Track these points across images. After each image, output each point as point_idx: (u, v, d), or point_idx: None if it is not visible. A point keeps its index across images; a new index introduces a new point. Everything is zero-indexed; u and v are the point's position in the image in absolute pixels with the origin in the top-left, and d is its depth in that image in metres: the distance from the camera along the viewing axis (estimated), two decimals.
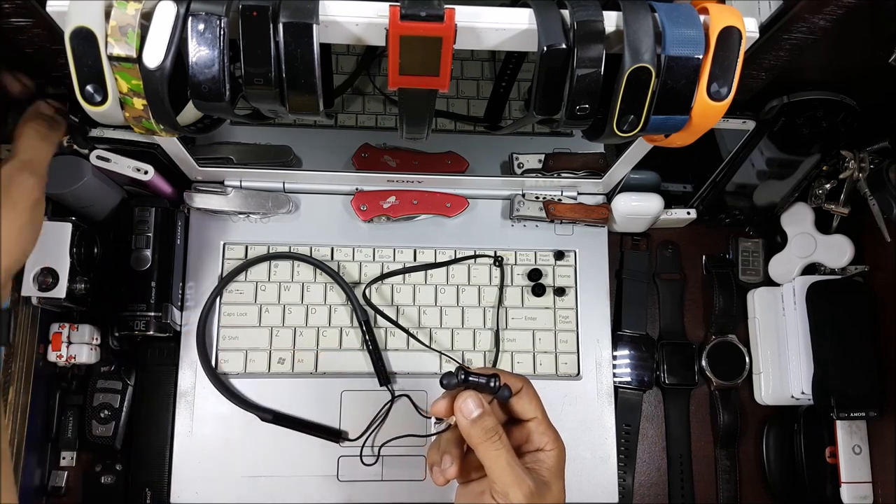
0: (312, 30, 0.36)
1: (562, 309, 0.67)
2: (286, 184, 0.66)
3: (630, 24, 0.38)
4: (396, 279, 0.66)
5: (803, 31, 0.47)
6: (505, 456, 0.40)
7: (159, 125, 0.40)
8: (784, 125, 0.61)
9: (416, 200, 0.66)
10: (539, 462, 0.43)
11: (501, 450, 0.41)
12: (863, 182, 0.66)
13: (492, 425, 0.41)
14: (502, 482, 0.40)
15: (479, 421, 0.41)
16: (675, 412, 0.70)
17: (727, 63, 0.39)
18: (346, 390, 0.63)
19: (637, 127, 0.42)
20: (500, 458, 0.40)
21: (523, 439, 0.44)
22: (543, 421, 0.44)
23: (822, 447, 0.67)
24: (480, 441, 0.41)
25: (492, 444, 0.40)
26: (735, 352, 0.70)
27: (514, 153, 0.68)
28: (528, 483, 0.40)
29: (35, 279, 0.57)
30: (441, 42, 0.37)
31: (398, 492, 0.62)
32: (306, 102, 0.39)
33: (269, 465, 0.61)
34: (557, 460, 0.43)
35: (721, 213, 0.71)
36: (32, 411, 0.60)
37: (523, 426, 0.44)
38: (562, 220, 0.67)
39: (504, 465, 0.40)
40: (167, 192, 0.64)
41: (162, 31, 0.36)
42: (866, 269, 0.69)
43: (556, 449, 0.44)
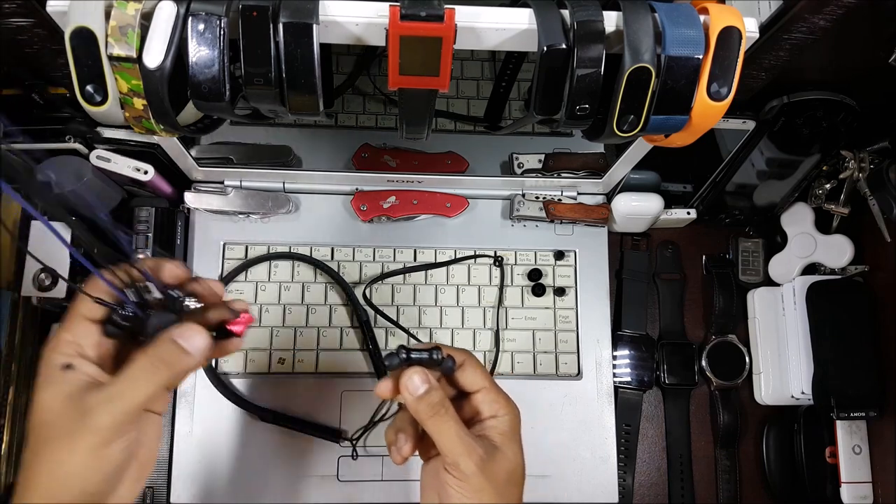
0: (312, 30, 0.36)
1: (562, 309, 0.67)
2: (286, 184, 0.66)
3: (630, 24, 0.38)
4: (396, 279, 0.66)
5: (803, 31, 0.48)
6: (453, 427, 0.40)
7: (159, 125, 0.40)
8: (784, 125, 0.61)
9: (416, 200, 0.66)
10: (491, 428, 0.42)
11: (449, 422, 0.40)
12: (863, 182, 0.66)
13: (438, 399, 0.40)
14: (452, 453, 0.40)
15: (425, 397, 0.40)
16: (675, 412, 0.70)
17: (727, 63, 0.39)
18: (346, 390, 0.63)
19: (637, 127, 0.42)
20: (448, 430, 0.40)
21: (474, 411, 0.44)
22: (492, 389, 0.43)
23: (822, 447, 0.67)
24: (428, 416, 0.40)
25: (439, 417, 0.40)
26: (735, 352, 0.70)
27: (514, 153, 0.68)
28: (478, 450, 0.40)
29: (35, 279, 0.57)
30: (441, 42, 0.37)
31: (398, 492, 0.62)
32: (306, 102, 0.39)
33: (269, 465, 0.61)
34: (510, 424, 0.43)
35: (721, 213, 0.71)
36: None
37: (473, 398, 0.44)
38: (562, 220, 0.67)
39: (452, 436, 0.40)
40: (167, 192, 0.64)
41: (162, 31, 0.36)
42: (866, 269, 0.69)
43: (508, 414, 0.43)
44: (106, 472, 0.35)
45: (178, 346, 0.36)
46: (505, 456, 0.41)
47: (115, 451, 0.35)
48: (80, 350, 0.37)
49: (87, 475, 0.35)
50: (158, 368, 0.36)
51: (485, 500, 0.40)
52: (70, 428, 0.34)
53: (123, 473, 0.37)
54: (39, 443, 0.35)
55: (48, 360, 0.36)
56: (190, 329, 0.37)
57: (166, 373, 0.36)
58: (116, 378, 0.36)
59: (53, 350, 0.36)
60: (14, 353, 0.58)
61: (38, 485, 0.35)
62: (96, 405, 0.35)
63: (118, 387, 0.35)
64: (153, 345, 0.36)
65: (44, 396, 0.35)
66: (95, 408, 0.35)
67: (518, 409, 0.44)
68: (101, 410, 0.34)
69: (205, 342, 0.37)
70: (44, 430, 0.35)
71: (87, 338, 0.37)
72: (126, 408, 0.35)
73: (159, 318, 0.37)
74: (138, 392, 0.35)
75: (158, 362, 0.36)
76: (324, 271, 0.65)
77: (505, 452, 0.41)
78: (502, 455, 0.41)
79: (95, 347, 0.37)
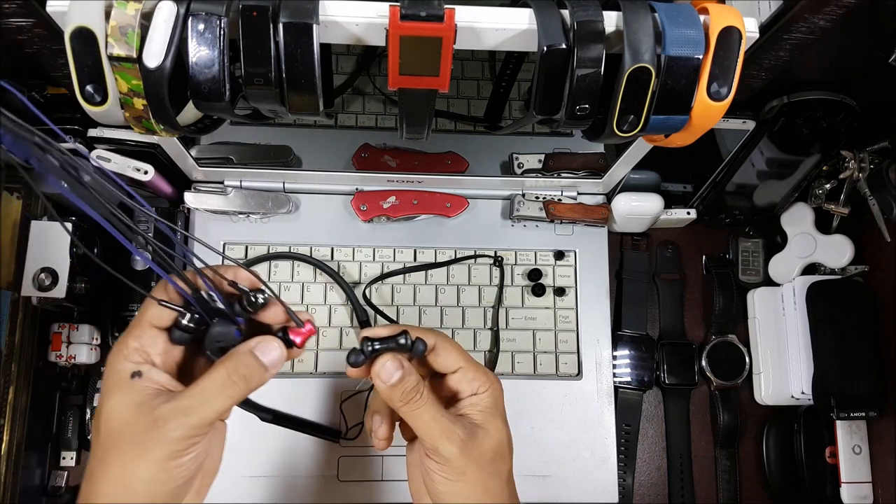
0: (312, 30, 0.36)
1: (562, 309, 0.67)
2: (286, 184, 0.66)
3: (630, 24, 0.38)
4: (396, 279, 0.66)
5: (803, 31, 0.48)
6: (428, 412, 0.39)
7: (159, 125, 0.40)
8: (784, 125, 0.61)
9: (416, 200, 0.66)
10: (471, 406, 0.41)
11: (424, 406, 0.39)
12: (863, 182, 0.66)
13: (412, 385, 0.39)
14: (430, 438, 0.38)
15: (398, 384, 0.38)
16: (675, 412, 0.70)
17: (727, 63, 0.39)
18: (346, 390, 0.63)
19: (637, 127, 0.42)
20: (424, 415, 0.39)
21: (453, 390, 0.42)
22: (469, 367, 0.42)
23: (822, 447, 0.67)
24: (403, 403, 0.39)
25: (413, 403, 0.39)
26: (735, 352, 0.70)
27: (514, 153, 0.68)
28: (457, 433, 0.39)
29: (35, 279, 0.57)
30: (441, 42, 0.37)
31: (398, 492, 0.62)
32: (306, 102, 0.39)
33: (269, 465, 0.61)
34: (492, 400, 0.41)
35: (721, 213, 0.71)
36: (32, 411, 0.60)
37: (451, 378, 0.42)
38: (562, 220, 0.67)
39: (429, 421, 0.38)
40: (167, 192, 0.64)
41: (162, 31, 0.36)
42: (866, 269, 0.69)
43: (488, 389, 0.41)
44: (175, 484, 0.35)
45: (258, 360, 0.35)
46: (487, 433, 0.40)
47: (184, 464, 0.34)
48: (147, 357, 0.36)
49: (155, 486, 0.34)
50: (235, 382, 0.35)
51: (468, 480, 0.39)
52: (140, 438, 0.34)
53: (191, 485, 0.36)
54: (108, 451, 0.34)
55: (115, 367, 0.35)
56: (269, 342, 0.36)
57: (243, 387, 0.35)
58: (191, 390, 0.35)
59: (121, 357, 0.36)
60: (14, 353, 0.58)
61: (104, 493, 0.34)
62: (169, 416, 0.34)
63: (193, 400, 0.34)
64: (231, 357, 0.35)
65: (112, 404, 0.35)
66: (168, 419, 0.34)
67: (499, 383, 0.42)
68: (175, 423, 0.34)
69: (281, 355, 0.36)
70: (112, 437, 0.34)
71: (155, 345, 0.36)
72: (200, 422, 0.34)
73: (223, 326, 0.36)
74: (214, 406, 0.35)
75: (236, 376, 0.35)
76: (324, 271, 0.65)
77: (487, 430, 0.40)
78: (484, 433, 0.40)
79: (163, 355, 0.36)
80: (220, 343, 0.36)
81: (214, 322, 0.36)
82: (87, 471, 0.35)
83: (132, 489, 0.34)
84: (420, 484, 0.42)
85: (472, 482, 0.39)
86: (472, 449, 0.39)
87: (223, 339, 0.36)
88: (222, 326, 0.36)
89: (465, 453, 0.38)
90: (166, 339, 0.37)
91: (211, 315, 0.36)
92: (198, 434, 0.34)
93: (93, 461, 0.35)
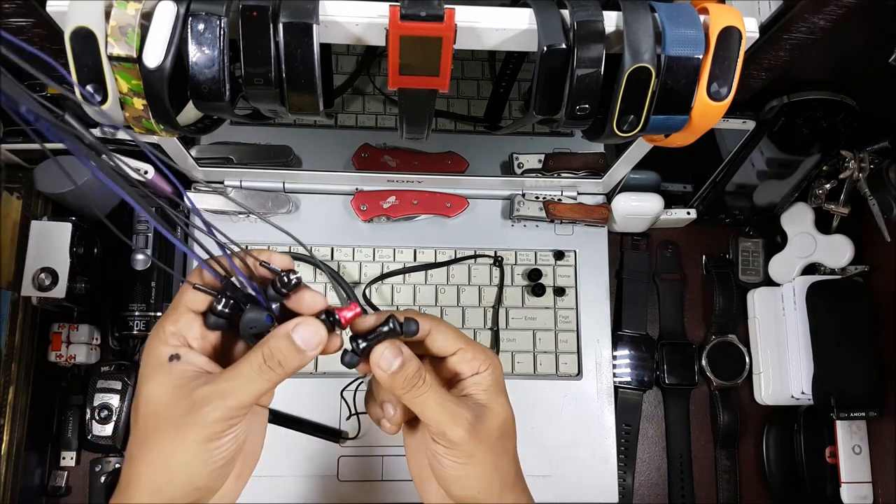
0: (312, 30, 0.36)
1: (562, 309, 0.67)
2: (286, 184, 0.66)
3: (630, 24, 0.38)
4: (396, 279, 0.66)
5: (803, 31, 0.48)
6: (433, 397, 0.38)
7: (159, 125, 0.40)
8: (784, 125, 0.61)
9: (416, 200, 0.66)
10: (474, 385, 0.40)
11: (428, 392, 0.38)
12: (863, 182, 0.66)
13: (413, 371, 0.37)
14: (437, 423, 0.38)
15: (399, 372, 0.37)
16: (675, 412, 0.70)
17: (727, 63, 0.39)
18: (346, 390, 0.63)
19: (637, 127, 0.42)
20: (427, 399, 0.38)
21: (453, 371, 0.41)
22: (469, 348, 0.40)
23: (822, 447, 0.67)
24: (406, 390, 0.38)
25: (417, 390, 0.38)
26: (735, 352, 0.70)
27: (514, 153, 0.68)
28: (465, 415, 0.38)
29: (35, 279, 0.57)
30: (441, 42, 0.37)
31: (398, 492, 0.62)
32: (306, 102, 0.39)
33: (269, 465, 0.61)
34: (493, 378, 0.41)
35: (721, 213, 0.71)
36: (32, 411, 0.60)
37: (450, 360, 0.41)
38: (562, 220, 0.67)
39: (434, 406, 0.38)
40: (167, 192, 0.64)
41: (162, 31, 0.36)
42: (866, 269, 0.69)
43: (489, 367, 0.41)
44: (214, 466, 0.35)
45: (293, 343, 0.35)
46: (493, 412, 0.39)
47: (223, 446, 0.35)
48: (184, 341, 0.36)
49: (194, 469, 0.34)
50: (271, 367, 0.35)
51: (478, 462, 0.38)
52: (179, 420, 0.34)
53: (231, 469, 0.36)
54: (148, 434, 0.34)
55: (153, 351, 0.36)
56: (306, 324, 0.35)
57: (280, 371, 0.35)
58: (229, 372, 0.35)
59: (158, 341, 0.36)
60: (14, 353, 0.58)
61: (146, 475, 0.34)
62: (207, 399, 0.34)
63: (231, 383, 0.34)
64: (268, 341, 0.35)
65: (151, 387, 0.35)
66: (206, 401, 0.34)
67: (498, 360, 0.42)
68: (213, 406, 0.34)
69: (320, 337, 0.35)
70: (151, 420, 0.34)
71: (191, 329, 0.36)
72: (238, 404, 0.34)
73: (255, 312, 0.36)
74: (251, 389, 0.35)
75: (272, 360, 0.35)
76: (323, 271, 0.65)
77: (493, 408, 0.40)
78: (490, 411, 0.39)
79: (200, 339, 0.37)
80: (253, 329, 0.36)
81: (248, 308, 0.36)
82: (127, 454, 0.35)
83: (172, 471, 0.34)
84: (423, 468, 0.41)
85: (481, 463, 0.38)
86: (480, 430, 0.38)
87: (255, 325, 0.36)
88: (254, 312, 0.36)
89: (473, 435, 0.38)
90: (202, 324, 0.37)
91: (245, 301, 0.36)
92: (235, 416, 0.34)
93: (132, 444, 0.35)
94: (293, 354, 0.35)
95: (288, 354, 0.35)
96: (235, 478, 0.37)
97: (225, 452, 0.35)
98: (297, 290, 0.36)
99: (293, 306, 0.37)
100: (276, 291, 0.36)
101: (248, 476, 0.38)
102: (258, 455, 0.39)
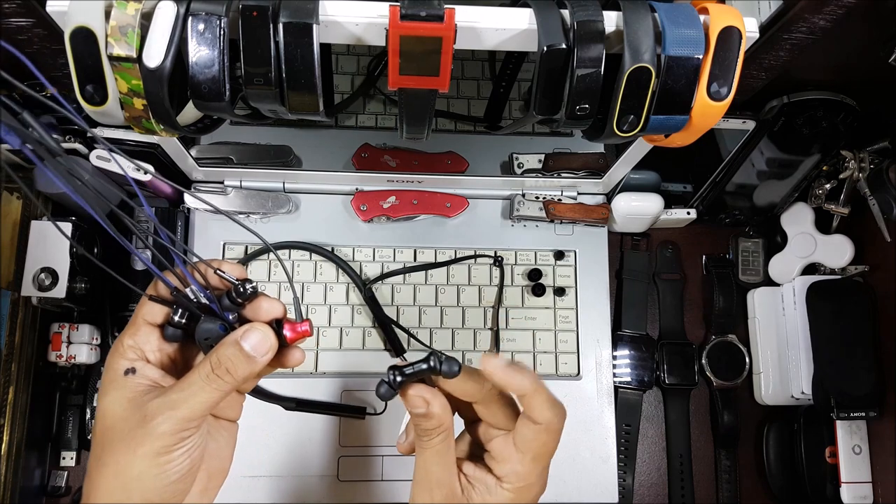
0: (312, 30, 0.36)
1: (562, 309, 0.67)
2: (286, 184, 0.66)
3: (630, 24, 0.38)
4: (396, 279, 0.66)
5: (803, 31, 0.47)
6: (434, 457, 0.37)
7: (159, 125, 0.40)
8: (784, 125, 0.61)
9: (416, 200, 0.66)
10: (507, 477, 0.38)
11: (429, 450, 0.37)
12: (863, 182, 0.66)
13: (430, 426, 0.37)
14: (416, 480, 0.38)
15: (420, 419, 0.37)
16: (675, 412, 0.70)
17: (727, 63, 0.39)
18: (346, 390, 0.63)
19: (637, 127, 0.42)
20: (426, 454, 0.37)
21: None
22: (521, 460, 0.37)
23: (822, 447, 0.67)
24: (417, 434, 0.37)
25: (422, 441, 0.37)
26: (735, 352, 0.70)
27: (514, 153, 0.68)
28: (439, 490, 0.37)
29: (35, 279, 0.57)
30: (441, 42, 0.37)
31: (398, 492, 0.62)
32: (306, 102, 0.39)
33: (270, 465, 0.61)
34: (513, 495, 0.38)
35: (721, 213, 0.71)
36: (32, 411, 0.60)
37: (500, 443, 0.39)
38: (562, 220, 0.67)
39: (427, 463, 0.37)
40: (167, 193, 0.64)
41: (162, 31, 0.36)
42: (866, 269, 0.69)
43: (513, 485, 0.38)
44: (168, 480, 0.34)
45: (241, 350, 0.34)
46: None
47: (176, 459, 0.34)
48: (141, 354, 0.36)
49: (148, 483, 0.34)
50: (220, 374, 0.34)
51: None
52: (131, 433, 0.34)
53: (189, 483, 0.35)
54: (104, 448, 0.34)
55: (112, 365, 0.36)
56: (253, 331, 0.35)
57: (229, 378, 0.34)
58: (179, 384, 0.35)
59: (117, 355, 0.36)
60: (14, 353, 0.58)
61: (103, 489, 0.34)
62: (158, 411, 0.34)
63: (180, 394, 0.34)
64: (216, 350, 0.35)
65: (107, 402, 0.35)
66: (156, 413, 0.34)
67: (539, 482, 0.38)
68: (163, 417, 0.33)
69: (269, 344, 0.35)
70: (108, 434, 0.34)
71: (149, 342, 0.36)
72: (188, 414, 0.34)
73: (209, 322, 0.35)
74: (200, 398, 0.34)
75: (220, 369, 0.34)
76: (330, 259, 0.65)
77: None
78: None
79: (157, 352, 0.37)
80: (208, 339, 0.36)
81: (203, 318, 0.36)
82: (87, 469, 0.35)
83: (126, 485, 0.34)
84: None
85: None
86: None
87: (209, 335, 0.36)
88: (209, 322, 0.36)
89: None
90: (160, 336, 0.37)
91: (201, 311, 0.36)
92: (186, 428, 0.34)
93: (91, 459, 0.35)
94: (242, 362, 0.34)
95: (236, 362, 0.34)
96: (201, 492, 0.37)
97: (179, 466, 0.34)
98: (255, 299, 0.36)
99: (251, 315, 0.37)
100: (231, 301, 0.36)
101: (215, 491, 0.38)
102: (226, 470, 0.39)
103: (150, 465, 0.33)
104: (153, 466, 0.34)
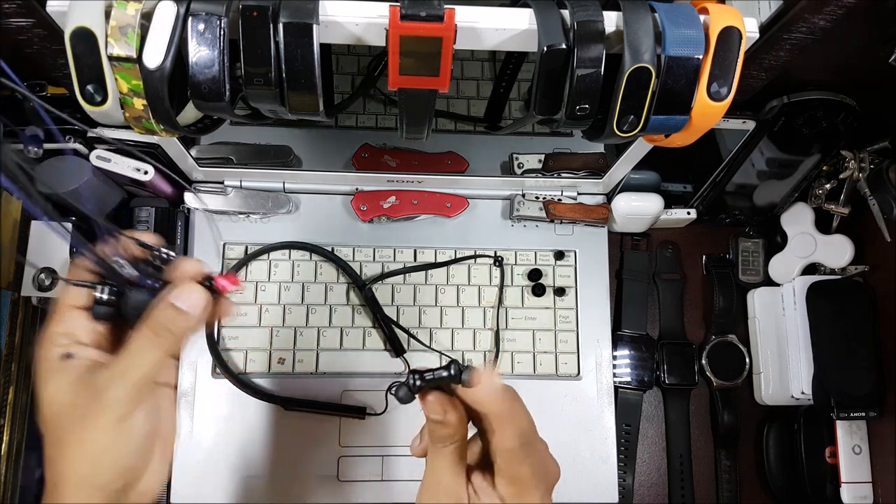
0: (312, 30, 0.36)
1: (562, 309, 0.67)
2: (286, 184, 0.66)
3: (630, 24, 0.38)
4: (396, 279, 0.66)
5: (803, 31, 0.47)
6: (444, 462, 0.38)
7: (159, 125, 0.40)
8: (784, 125, 0.61)
9: (416, 200, 0.66)
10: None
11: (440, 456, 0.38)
12: (863, 182, 0.66)
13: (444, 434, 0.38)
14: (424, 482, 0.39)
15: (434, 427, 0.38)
16: (675, 412, 0.70)
17: (727, 63, 0.39)
18: (346, 390, 0.63)
19: (637, 127, 0.42)
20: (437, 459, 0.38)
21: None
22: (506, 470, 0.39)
23: (822, 447, 0.67)
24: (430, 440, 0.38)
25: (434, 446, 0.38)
26: (735, 352, 0.70)
27: (514, 153, 0.68)
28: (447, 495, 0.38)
29: (35, 279, 0.57)
30: (441, 42, 0.37)
31: (398, 492, 0.62)
32: (306, 102, 0.39)
33: (270, 466, 0.61)
34: None
35: (721, 213, 0.71)
36: (32, 411, 0.60)
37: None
38: (562, 220, 0.67)
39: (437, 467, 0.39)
40: (167, 192, 0.64)
41: (162, 31, 0.36)
42: (866, 269, 0.69)
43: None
44: (134, 443, 0.35)
45: (175, 308, 0.35)
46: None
47: (137, 422, 0.35)
48: (74, 339, 0.36)
49: (116, 449, 0.35)
50: (160, 334, 0.35)
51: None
52: (87, 410, 0.34)
53: (152, 444, 0.36)
54: (61, 433, 0.35)
55: (44, 355, 0.36)
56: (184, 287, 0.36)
57: (170, 336, 0.35)
58: (121, 353, 0.35)
59: (48, 344, 0.36)
60: (14, 353, 0.58)
61: (72, 470, 0.34)
62: (107, 382, 0.34)
63: (125, 361, 0.35)
64: (152, 312, 0.36)
65: (50, 390, 0.35)
66: (107, 385, 0.34)
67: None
68: (114, 385, 0.34)
69: (201, 297, 0.36)
70: (62, 420, 0.35)
71: (79, 326, 0.37)
72: (137, 378, 0.35)
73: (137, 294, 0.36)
74: (147, 359, 0.35)
75: (159, 328, 0.35)
76: (330, 260, 0.65)
77: None
78: None
79: (90, 333, 0.37)
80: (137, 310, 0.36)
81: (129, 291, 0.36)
82: (46, 459, 0.35)
83: (95, 458, 0.34)
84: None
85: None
86: None
87: (138, 305, 0.36)
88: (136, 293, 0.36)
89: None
90: (89, 318, 0.37)
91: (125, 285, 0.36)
92: (139, 391, 0.35)
93: (48, 448, 0.35)
94: (178, 318, 0.35)
95: (174, 319, 0.35)
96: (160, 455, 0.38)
97: (141, 429, 0.35)
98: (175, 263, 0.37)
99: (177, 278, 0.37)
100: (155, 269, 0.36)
101: (169, 454, 0.39)
102: (174, 432, 0.40)
103: (115, 436, 0.34)
104: (119, 433, 0.35)
